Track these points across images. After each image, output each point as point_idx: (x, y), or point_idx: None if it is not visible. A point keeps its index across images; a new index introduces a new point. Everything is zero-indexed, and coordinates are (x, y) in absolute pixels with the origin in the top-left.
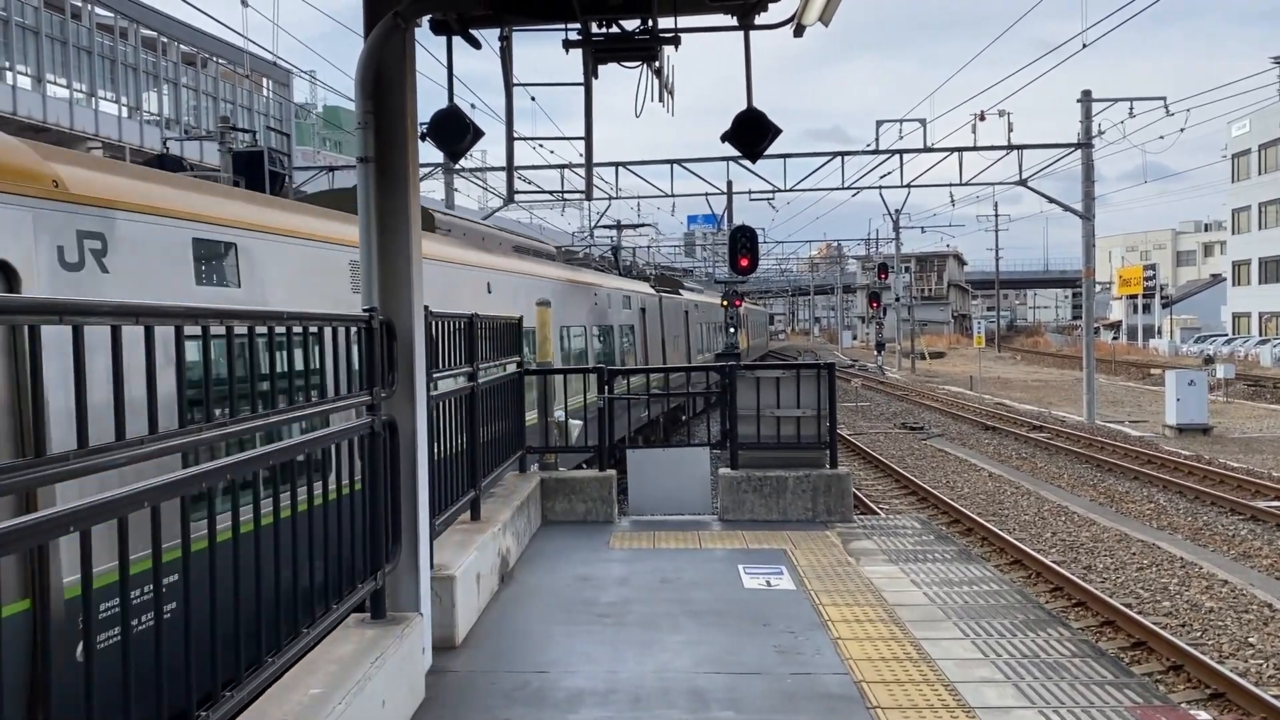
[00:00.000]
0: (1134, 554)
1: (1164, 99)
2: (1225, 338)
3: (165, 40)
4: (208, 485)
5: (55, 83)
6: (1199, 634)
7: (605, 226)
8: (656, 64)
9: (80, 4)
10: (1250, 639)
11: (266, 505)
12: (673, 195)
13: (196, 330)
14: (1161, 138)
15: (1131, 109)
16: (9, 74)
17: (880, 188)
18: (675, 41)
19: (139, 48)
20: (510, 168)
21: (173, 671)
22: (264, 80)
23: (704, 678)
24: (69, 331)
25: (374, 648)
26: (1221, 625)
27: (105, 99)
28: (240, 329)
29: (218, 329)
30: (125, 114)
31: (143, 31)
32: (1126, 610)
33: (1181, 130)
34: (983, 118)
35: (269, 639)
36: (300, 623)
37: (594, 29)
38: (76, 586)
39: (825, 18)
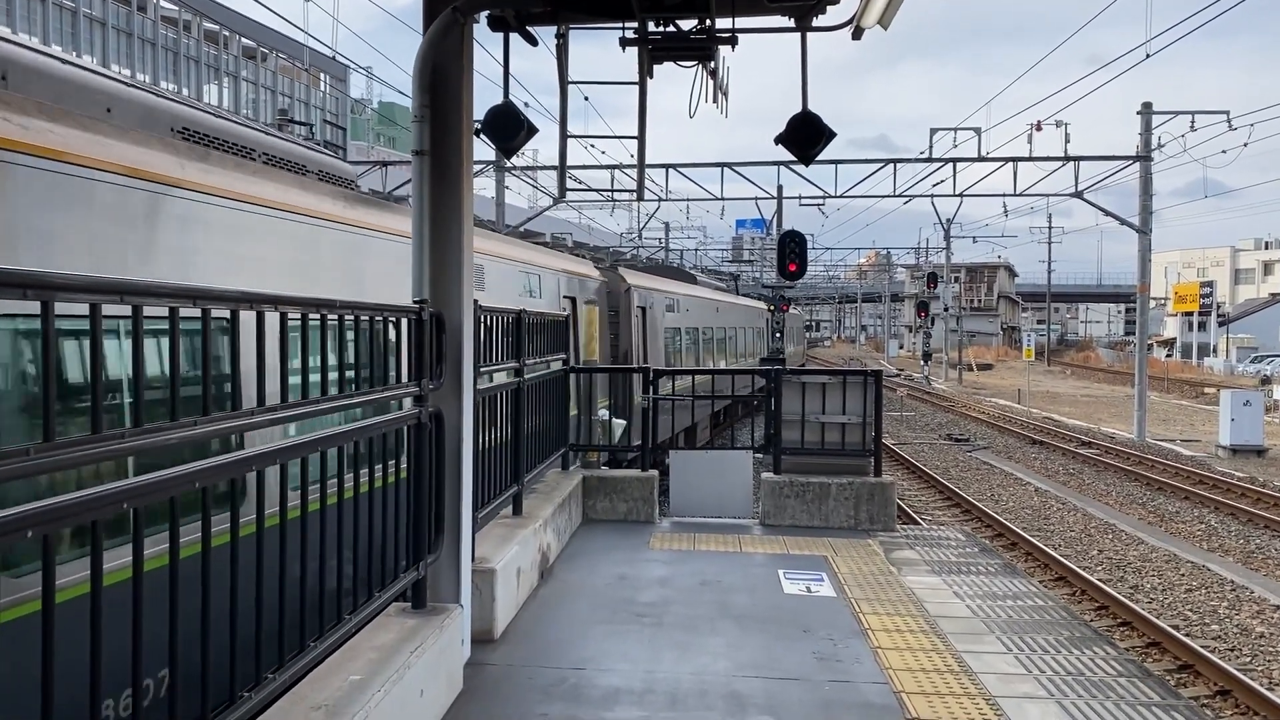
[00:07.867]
0: (1183, 575)
1: (1227, 113)
2: None
3: (227, 34)
4: (257, 469)
5: (119, 73)
6: (1248, 659)
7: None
8: (712, 64)
9: None
10: None
11: (314, 491)
12: (722, 199)
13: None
14: (1224, 152)
15: (1193, 122)
16: None
17: (932, 196)
18: (732, 42)
19: (201, 41)
20: (563, 165)
21: (218, 651)
22: (321, 75)
23: (742, 681)
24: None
25: (414, 637)
26: (1272, 651)
27: (168, 89)
28: (294, 316)
29: (271, 314)
30: None
31: (205, 25)
32: (1174, 632)
33: (1245, 145)
34: (1039, 128)
35: (311, 624)
36: (343, 609)
37: (650, 28)
38: (127, 563)
39: (885, 20)
